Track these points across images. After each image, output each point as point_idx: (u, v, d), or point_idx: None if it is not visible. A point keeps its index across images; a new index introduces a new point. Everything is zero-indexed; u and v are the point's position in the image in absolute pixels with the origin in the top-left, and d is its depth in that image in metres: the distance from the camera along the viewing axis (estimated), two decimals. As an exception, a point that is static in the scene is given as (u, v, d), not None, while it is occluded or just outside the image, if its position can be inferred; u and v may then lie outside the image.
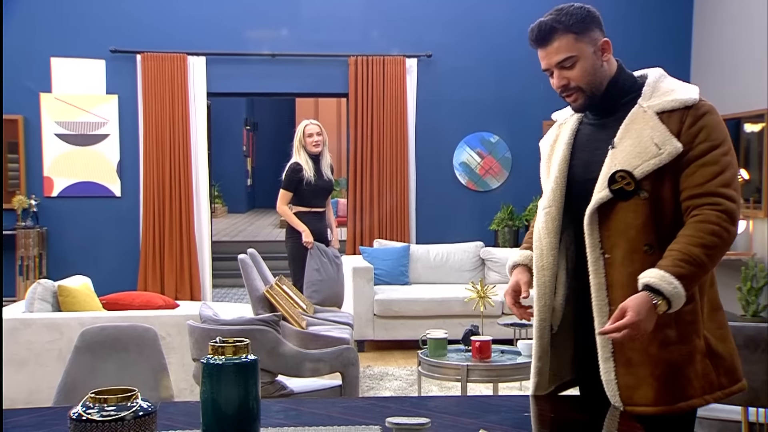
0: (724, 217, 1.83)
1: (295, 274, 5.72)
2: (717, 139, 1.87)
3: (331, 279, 5.73)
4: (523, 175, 7.70)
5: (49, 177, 7.36)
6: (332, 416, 1.89)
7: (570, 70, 1.99)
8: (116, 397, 1.58)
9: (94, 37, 7.33)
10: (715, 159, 1.85)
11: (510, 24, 7.63)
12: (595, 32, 1.99)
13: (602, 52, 1.99)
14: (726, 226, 1.83)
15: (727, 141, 1.88)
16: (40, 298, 4.48)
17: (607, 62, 2.00)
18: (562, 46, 1.99)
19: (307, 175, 5.76)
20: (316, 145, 5.81)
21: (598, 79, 1.99)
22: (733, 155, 1.88)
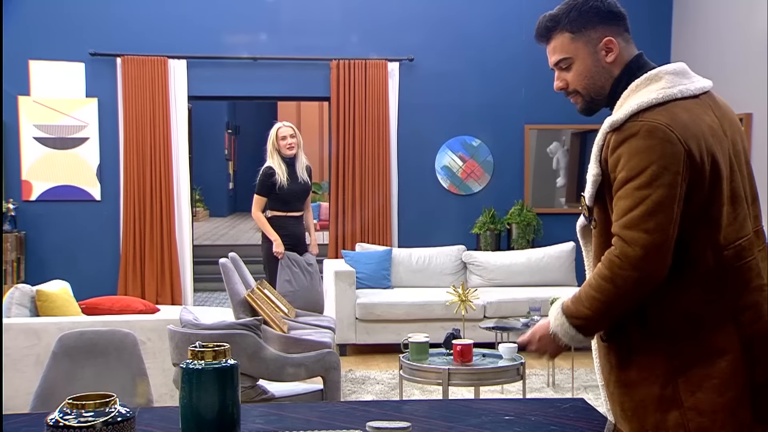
0: (617, 262, 1.64)
1: (271, 280, 5.66)
2: (633, 169, 1.62)
3: (304, 288, 5.64)
4: (505, 179, 7.72)
5: (27, 181, 7.29)
6: (313, 420, 1.88)
7: (567, 72, 1.82)
8: (94, 403, 1.56)
9: (73, 40, 7.27)
10: (627, 193, 1.63)
11: (492, 28, 7.66)
12: (596, 30, 1.78)
13: (606, 52, 1.78)
14: (618, 272, 1.63)
15: (648, 171, 1.61)
16: (18, 303, 4.43)
17: (613, 63, 1.78)
18: (558, 46, 1.82)
19: (281, 179, 5.70)
20: (290, 148, 5.75)
21: (597, 82, 1.80)
22: (656, 187, 1.60)
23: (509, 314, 6.09)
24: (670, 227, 1.61)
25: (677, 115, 1.65)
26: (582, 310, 1.71)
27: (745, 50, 6.31)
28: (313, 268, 5.77)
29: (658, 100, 1.67)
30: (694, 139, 1.64)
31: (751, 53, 6.18)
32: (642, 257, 1.61)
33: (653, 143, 1.62)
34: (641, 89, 1.72)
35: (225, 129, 20.78)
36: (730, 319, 1.65)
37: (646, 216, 1.61)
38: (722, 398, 1.63)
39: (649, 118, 1.65)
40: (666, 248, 1.62)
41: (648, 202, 1.61)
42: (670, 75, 1.73)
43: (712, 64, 6.74)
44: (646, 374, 1.69)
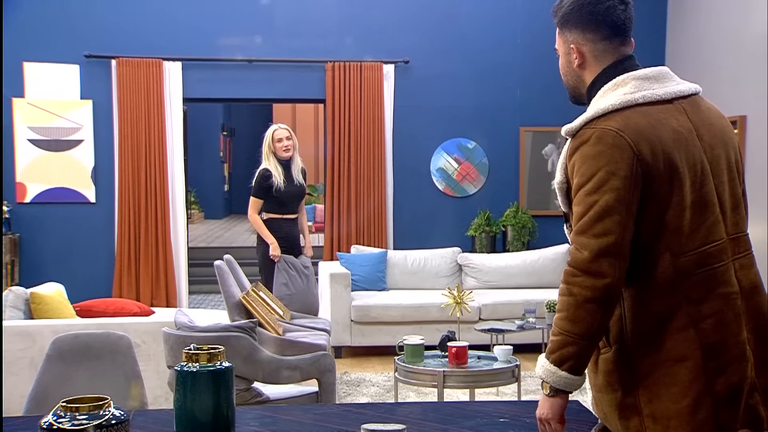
0: (569, 270, 1.65)
1: (267, 283, 5.63)
2: (584, 175, 1.65)
3: (301, 291, 5.62)
4: (500, 181, 7.73)
5: (21, 183, 7.27)
6: (308, 423, 1.87)
7: None
8: (88, 406, 1.56)
9: (68, 42, 7.25)
10: (580, 199, 1.66)
11: (487, 30, 7.67)
12: (571, 32, 1.80)
13: (575, 56, 1.81)
14: (573, 281, 1.64)
15: (596, 176, 1.63)
16: (12, 306, 4.42)
17: (581, 68, 1.80)
18: (556, 36, 1.88)
19: (277, 181, 5.67)
20: (286, 150, 5.75)
21: (569, 81, 1.84)
22: (603, 192, 1.62)
23: (504, 316, 6.09)
24: (619, 231, 1.62)
25: (632, 120, 1.66)
26: (555, 340, 1.68)
27: (739, 53, 6.33)
28: (309, 270, 5.77)
29: (615, 106, 1.68)
30: (647, 144, 1.64)
31: (746, 56, 6.19)
32: (591, 260, 1.62)
33: (602, 149, 1.64)
34: (607, 94, 1.74)
35: (220, 131, 20.76)
36: (691, 325, 1.63)
37: (594, 221, 1.63)
38: (677, 405, 1.62)
39: (601, 124, 1.67)
40: (615, 252, 1.62)
41: (596, 208, 1.63)
42: (638, 80, 1.73)
43: (706, 66, 6.76)
44: (611, 380, 1.69)
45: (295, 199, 5.82)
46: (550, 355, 1.68)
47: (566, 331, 1.65)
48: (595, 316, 1.63)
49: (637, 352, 1.66)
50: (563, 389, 1.67)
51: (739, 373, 1.63)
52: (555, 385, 1.66)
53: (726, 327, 1.65)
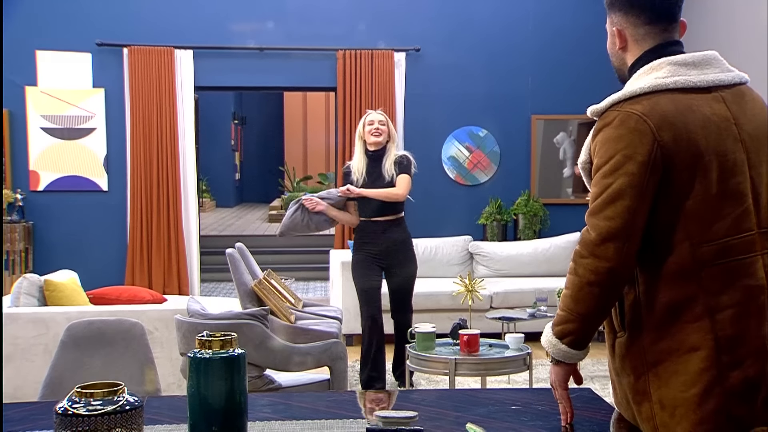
0: (578, 250, 1.67)
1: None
2: (602, 157, 1.66)
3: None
4: (511, 170, 7.71)
5: (35, 171, 7.31)
6: (320, 410, 1.88)
7: None
8: (102, 392, 1.57)
9: (80, 30, 7.27)
10: (596, 180, 1.67)
11: (498, 18, 7.63)
12: (616, 15, 1.79)
13: (617, 39, 1.80)
14: (579, 261, 1.66)
15: (613, 159, 1.63)
16: (26, 293, 4.45)
17: (624, 51, 1.79)
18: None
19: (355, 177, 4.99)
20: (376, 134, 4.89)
21: (614, 62, 1.83)
22: (618, 176, 1.62)
23: (516, 305, 6.09)
24: (629, 215, 1.61)
25: (658, 105, 1.64)
26: (559, 314, 1.73)
27: (750, 47, 6.27)
28: None
29: (644, 90, 1.66)
30: (670, 130, 1.62)
31: (757, 49, 6.14)
32: (597, 243, 1.63)
33: (623, 132, 1.63)
34: (641, 77, 1.72)
35: (231, 119, 20.79)
36: (707, 316, 1.61)
37: (606, 203, 1.63)
38: (684, 394, 1.61)
39: (626, 107, 1.66)
40: (623, 236, 1.61)
41: (609, 191, 1.63)
42: (674, 66, 1.71)
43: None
44: (625, 364, 1.70)
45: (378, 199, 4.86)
46: (554, 327, 1.74)
47: (568, 309, 1.70)
48: (595, 299, 1.65)
49: (651, 338, 1.65)
50: (562, 360, 1.74)
51: (756, 368, 1.61)
52: (555, 356, 1.74)
53: (745, 320, 1.62)
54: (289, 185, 19.98)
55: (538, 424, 1.76)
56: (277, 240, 12.64)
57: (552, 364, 1.77)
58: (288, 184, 20.18)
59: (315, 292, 9.54)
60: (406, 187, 4.92)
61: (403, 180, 4.91)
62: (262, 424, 1.78)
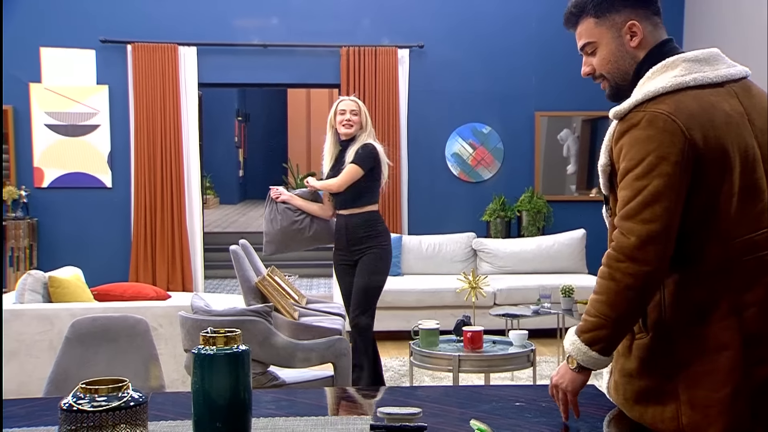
0: (613, 255, 1.63)
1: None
2: (633, 159, 1.61)
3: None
4: (515, 166, 7.70)
5: (39, 168, 7.32)
6: (324, 406, 1.89)
7: (593, 57, 1.80)
8: (107, 388, 1.57)
9: (84, 27, 7.28)
10: (627, 183, 1.63)
11: (502, 15, 7.62)
12: (620, 14, 1.75)
13: (630, 36, 1.75)
14: (616, 266, 1.62)
15: (646, 161, 1.60)
16: (31, 289, 4.46)
17: (638, 47, 1.75)
18: (583, 31, 1.80)
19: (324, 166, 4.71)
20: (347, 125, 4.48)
21: (621, 67, 1.77)
22: (652, 177, 1.59)
23: (519, 301, 6.09)
24: (668, 217, 1.59)
25: (683, 104, 1.63)
26: (589, 320, 1.67)
27: (759, 32, 6.25)
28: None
29: (666, 89, 1.65)
30: (698, 129, 1.61)
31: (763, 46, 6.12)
32: (638, 247, 1.59)
33: (653, 133, 1.60)
34: (656, 76, 1.70)
35: (235, 116, 20.79)
36: (733, 314, 1.60)
37: (643, 206, 1.60)
38: (717, 394, 1.59)
39: (651, 107, 1.63)
40: (663, 238, 1.59)
41: (645, 193, 1.59)
42: (688, 62, 1.70)
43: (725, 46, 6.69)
44: (647, 366, 1.68)
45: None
46: (582, 334, 1.68)
47: (602, 314, 1.64)
48: (633, 304, 1.63)
49: (678, 339, 1.64)
50: (589, 368, 1.69)
51: None
52: (583, 363, 1.68)
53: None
54: (293, 182, 19.99)
55: (542, 421, 1.76)
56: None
57: (574, 372, 1.71)
58: (292, 180, 20.18)
59: (318, 289, 9.54)
60: (346, 177, 4.38)
61: (347, 169, 4.39)
62: (267, 420, 1.78)
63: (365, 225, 4.46)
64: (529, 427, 1.71)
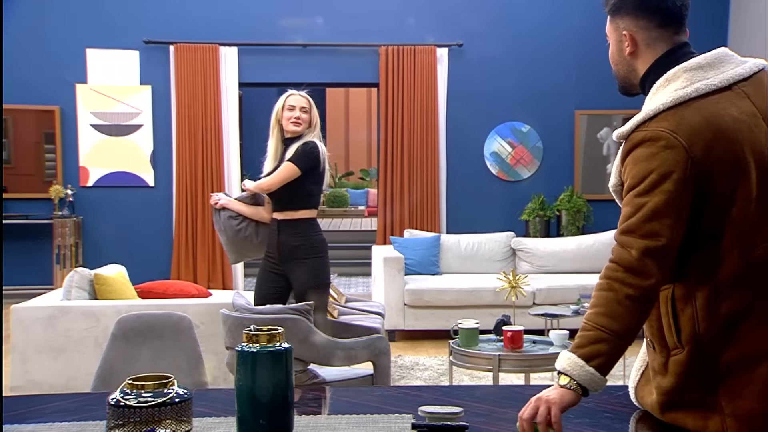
0: (613, 266, 1.63)
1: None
2: (636, 176, 1.61)
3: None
4: (554, 165, 7.64)
5: (84, 167, 7.47)
6: (365, 405, 1.89)
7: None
8: (153, 384, 1.60)
9: (128, 29, 7.41)
10: (629, 200, 1.63)
11: (542, 13, 7.56)
12: (623, 20, 1.74)
13: (626, 44, 1.75)
14: (614, 276, 1.61)
15: (648, 179, 1.59)
16: (77, 286, 4.56)
17: (633, 57, 1.75)
18: (606, 24, 1.82)
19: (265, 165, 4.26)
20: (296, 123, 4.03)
21: (620, 71, 1.80)
22: (654, 194, 1.58)
23: (559, 301, 6.05)
24: (668, 233, 1.58)
25: (685, 119, 1.60)
26: (586, 334, 1.62)
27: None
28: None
29: (666, 105, 1.62)
30: (702, 143, 1.58)
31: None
32: (637, 259, 1.59)
33: (654, 151, 1.60)
34: (659, 91, 1.68)
35: (274, 116, 20.93)
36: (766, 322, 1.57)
37: (643, 222, 1.59)
38: (761, 405, 1.55)
39: (653, 126, 1.62)
40: (662, 253, 1.58)
41: (645, 209, 1.59)
42: (689, 72, 1.66)
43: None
44: (686, 381, 1.65)
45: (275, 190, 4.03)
46: (578, 349, 1.62)
47: (601, 327, 1.60)
48: (633, 315, 1.60)
49: (714, 351, 1.61)
50: (585, 386, 1.61)
51: None
52: (579, 380, 1.60)
53: None
54: (331, 181, 20.07)
55: (585, 422, 1.74)
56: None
57: (561, 388, 1.61)
58: (330, 179, 20.27)
59: (357, 288, 9.58)
60: (280, 176, 3.92)
61: (282, 168, 3.94)
62: (309, 418, 1.80)
63: (299, 232, 3.96)
64: (571, 427, 1.70)
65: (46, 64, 7.33)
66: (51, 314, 4.42)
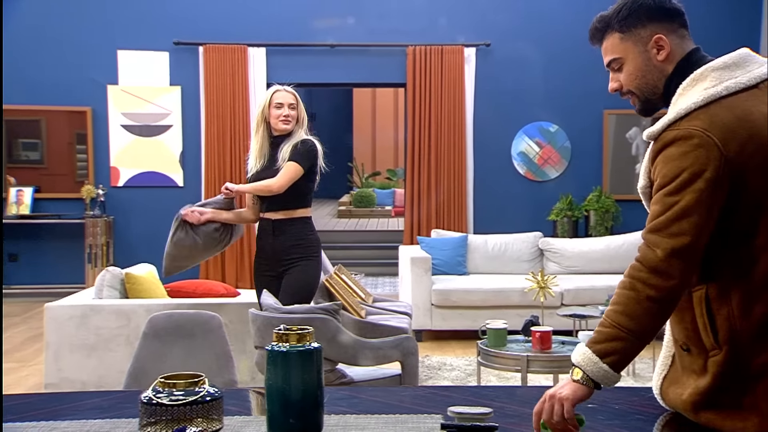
0: (637, 266, 1.63)
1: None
2: (666, 176, 1.60)
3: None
4: (582, 165, 7.59)
5: (115, 167, 7.56)
6: (394, 404, 1.90)
7: (619, 73, 1.78)
8: (184, 382, 1.62)
9: (158, 30, 7.49)
10: (658, 198, 1.61)
11: (569, 12, 7.52)
12: (645, 28, 1.73)
13: (657, 50, 1.72)
14: (638, 276, 1.61)
15: (679, 177, 1.58)
16: (109, 285, 4.62)
17: (665, 60, 1.72)
18: (608, 46, 1.80)
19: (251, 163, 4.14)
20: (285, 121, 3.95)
21: (650, 82, 1.75)
22: (685, 193, 1.57)
23: (587, 302, 6.01)
24: (695, 233, 1.57)
25: (717, 117, 1.59)
26: (603, 331, 1.63)
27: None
28: None
29: (698, 104, 1.61)
30: (735, 141, 1.57)
31: None
32: (662, 259, 1.58)
33: (686, 149, 1.58)
34: (687, 92, 1.67)
35: (301, 116, 21.03)
36: None
37: (671, 221, 1.58)
38: None
39: (685, 124, 1.60)
40: (688, 253, 1.58)
41: (675, 208, 1.58)
42: (717, 71, 1.66)
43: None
44: (724, 381, 1.63)
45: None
46: (594, 345, 1.63)
47: (619, 325, 1.61)
48: (652, 316, 1.60)
49: (752, 350, 1.60)
50: (598, 381, 1.63)
51: None
52: (592, 375, 1.62)
53: None
54: (358, 181, 20.11)
55: (616, 423, 1.73)
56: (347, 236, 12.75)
57: (577, 383, 1.64)
58: (357, 179, 20.31)
59: (384, 288, 9.58)
60: (288, 177, 3.80)
61: (286, 169, 3.81)
62: (338, 417, 1.81)
63: (295, 232, 3.84)
64: (602, 429, 1.69)
65: (79, 65, 7.44)
66: (83, 313, 4.49)
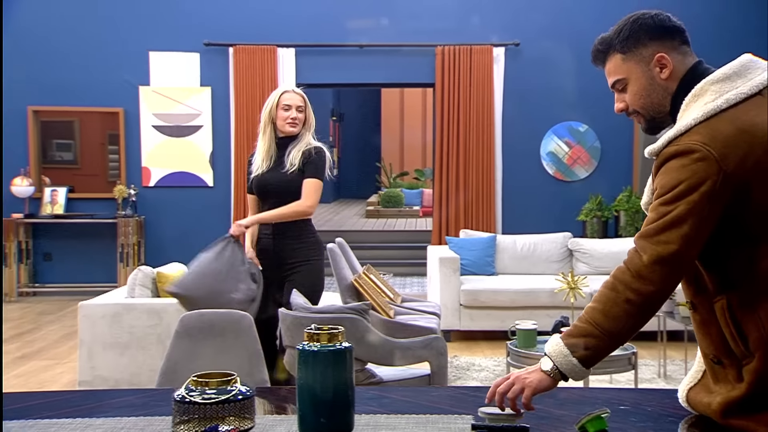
0: (622, 268, 1.65)
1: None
2: (665, 186, 1.61)
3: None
4: (612, 165, 7.53)
5: (146, 167, 7.65)
6: (423, 404, 1.90)
7: (624, 93, 1.80)
8: (217, 381, 1.64)
9: (189, 31, 7.56)
10: (654, 207, 1.64)
11: (599, 11, 7.46)
12: (647, 47, 1.74)
13: (660, 68, 1.73)
14: (621, 278, 1.63)
15: (676, 189, 1.59)
16: (141, 284, 4.67)
17: (669, 78, 1.73)
18: (612, 68, 1.82)
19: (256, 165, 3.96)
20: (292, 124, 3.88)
21: (654, 100, 1.75)
22: (678, 204, 1.58)
23: (618, 303, 5.95)
24: (684, 243, 1.58)
25: (718, 131, 1.59)
26: (578, 326, 1.66)
27: None
28: None
29: (698, 120, 1.62)
30: (736, 154, 1.57)
31: None
32: (646, 265, 1.60)
33: (686, 163, 1.59)
34: (689, 108, 1.67)
35: (330, 116, 21.12)
36: None
37: (661, 229, 1.60)
38: None
39: (684, 140, 1.61)
40: (673, 263, 1.60)
41: (667, 217, 1.60)
42: (717, 84, 1.66)
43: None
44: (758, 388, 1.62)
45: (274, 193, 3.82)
46: (567, 338, 1.67)
47: (595, 322, 1.64)
48: (629, 318, 1.63)
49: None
50: (566, 374, 1.66)
51: None
52: (561, 367, 1.66)
53: None
54: (386, 181, 20.14)
55: (649, 425, 1.72)
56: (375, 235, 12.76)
57: (542, 372, 1.68)
58: (385, 180, 20.34)
59: (412, 288, 9.58)
60: (315, 196, 3.75)
61: (311, 187, 3.74)
62: (368, 417, 1.81)
63: (297, 235, 3.79)
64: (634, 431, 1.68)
65: (111, 67, 7.53)
66: (116, 311, 4.55)
